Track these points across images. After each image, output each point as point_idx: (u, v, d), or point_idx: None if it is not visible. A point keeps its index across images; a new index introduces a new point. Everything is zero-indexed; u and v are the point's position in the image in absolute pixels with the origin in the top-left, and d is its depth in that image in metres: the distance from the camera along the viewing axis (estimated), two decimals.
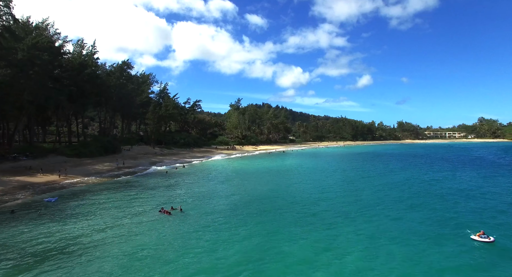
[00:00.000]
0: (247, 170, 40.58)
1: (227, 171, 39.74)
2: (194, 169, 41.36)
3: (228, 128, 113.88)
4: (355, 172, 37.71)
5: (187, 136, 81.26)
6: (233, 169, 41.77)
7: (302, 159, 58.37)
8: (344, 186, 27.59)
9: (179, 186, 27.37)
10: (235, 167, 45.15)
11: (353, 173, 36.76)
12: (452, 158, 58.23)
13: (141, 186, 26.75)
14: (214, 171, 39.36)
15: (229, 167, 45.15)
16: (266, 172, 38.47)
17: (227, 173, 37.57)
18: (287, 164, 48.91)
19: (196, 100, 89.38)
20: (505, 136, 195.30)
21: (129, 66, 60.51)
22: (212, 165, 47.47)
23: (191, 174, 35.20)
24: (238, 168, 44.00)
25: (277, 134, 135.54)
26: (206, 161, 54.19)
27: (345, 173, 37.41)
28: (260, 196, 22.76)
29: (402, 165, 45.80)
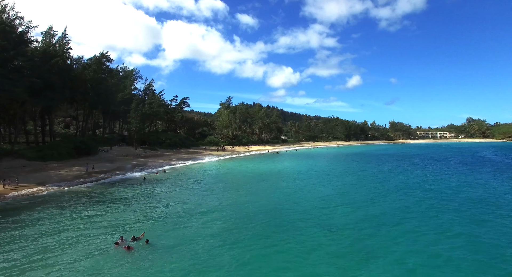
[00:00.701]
0: (239, 176, 35.72)
1: (215, 176, 34.69)
2: (177, 174, 36.19)
3: (218, 128, 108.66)
4: (366, 179, 33.35)
5: (173, 136, 75.68)
6: (222, 174, 36.77)
7: (299, 161, 53.92)
8: (359, 198, 23.10)
9: (154, 198, 22.17)
10: (224, 171, 40.20)
11: (364, 180, 32.42)
12: (461, 160, 54.86)
13: (105, 199, 21.48)
14: (200, 176, 34.32)
15: (217, 171, 40.16)
16: (261, 178, 33.67)
17: (215, 179, 32.54)
18: (284, 168, 44.25)
19: (184, 98, 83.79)
20: (494, 136, 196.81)
21: (108, 59, 54.57)
22: (198, 168, 42.33)
23: (173, 181, 30.07)
24: (228, 172, 39.08)
25: (269, 134, 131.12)
26: (192, 163, 49.02)
27: (355, 178, 33.02)
28: (258, 214, 17.98)
29: (412, 169, 41.83)
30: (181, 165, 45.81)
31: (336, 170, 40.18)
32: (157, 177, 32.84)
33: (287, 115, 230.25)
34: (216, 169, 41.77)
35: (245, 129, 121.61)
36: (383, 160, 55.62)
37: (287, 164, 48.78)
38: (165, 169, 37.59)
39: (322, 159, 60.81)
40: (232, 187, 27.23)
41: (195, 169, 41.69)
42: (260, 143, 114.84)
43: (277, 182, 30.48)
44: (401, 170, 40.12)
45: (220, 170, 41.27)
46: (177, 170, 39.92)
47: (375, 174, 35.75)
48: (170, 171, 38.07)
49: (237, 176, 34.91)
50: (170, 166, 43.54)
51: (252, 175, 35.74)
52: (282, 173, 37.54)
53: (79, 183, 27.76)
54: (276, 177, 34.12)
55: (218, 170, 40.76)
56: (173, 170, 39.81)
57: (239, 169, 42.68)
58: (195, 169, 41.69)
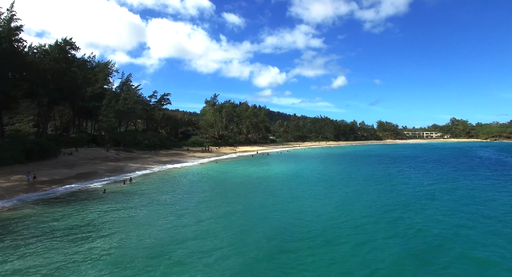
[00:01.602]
0: (228, 185, 29.17)
1: (197, 187, 27.70)
2: (150, 182, 29.26)
3: (202, 127, 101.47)
4: (382, 186, 27.69)
5: (152, 136, 68.12)
6: (206, 184, 29.97)
7: (294, 164, 47.93)
8: (383, 214, 17.26)
9: (104, 229, 15.22)
10: (209, 178, 33.60)
11: (381, 188, 26.73)
12: (465, 161, 50.65)
13: (27, 232, 14.51)
14: (178, 187, 27.50)
15: (200, 178, 33.47)
16: (255, 186, 27.38)
17: (197, 191, 25.64)
18: (279, 173, 38.09)
19: (164, 94, 76.01)
20: (478, 136, 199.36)
21: (73, 46, 46.74)
22: (177, 175, 35.43)
23: (142, 195, 23.11)
24: (214, 180, 32.54)
25: (257, 134, 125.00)
26: (172, 168, 42.06)
27: (369, 186, 27.29)
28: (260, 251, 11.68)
29: (424, 173, 36.74)
30: (159, 170, 38.78)
31: (339, 175, 34.43)
32: (124, 188, 25.83)
33: (274, 115, 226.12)
34: (198, 176, 35.08)
35: (231, 129, 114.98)
36: (385, 162, 50.68)
37: (281, 168, 42.70)
38: (130, 178, 30.02)
39: (317, 161, 55.19)
40: (222, 203, 20.71)
41: (174, 175, 34.81)
42: (248, 144, 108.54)
43: (277, 193, 24.25)
44: (413, 174, 34.99)
45: (203, 176, 34.62)
46: (151, 177, 32.87)
47: (389, 180, 30.31)
48: (142, 179, 31.07)
49: (226, 186, 28.38)
50: (144, 172, 36.47)
51: (243, 183, 29.38)
52: (279, 180, 31.36)
53: (8, 199, 20.50)
54: (273, 185, 27.90)
55: (201, 177, 34.09)
56: (146, 177, 32.72)
57: (226, 174, 36.20)
58: (174, 175, 34.81)
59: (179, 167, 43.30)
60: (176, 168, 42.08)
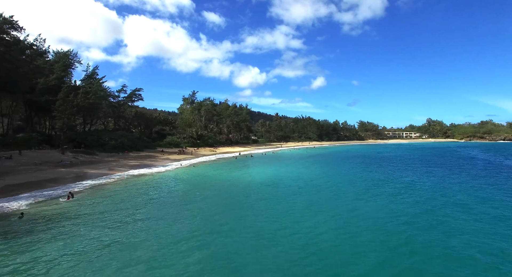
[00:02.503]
0: (207, 202, 22.20)
1: (164, 206, 20.32)
2: (100, 198, 21.76)
3: (179, 126, 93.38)
4: (388, 194, 22.08)
5: (120, 136, 59.71)
6: (178, 200, 22.71)
7: (284, 167, 41.81)
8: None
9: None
10: (182, 191, 26.53)
11: (389, 196, 21.10)
12: (470, 165, 47.01)
13: None
14: (135, 207, 19.91)
15: (170, 191, 26.11)
16: (247, 206, 20.87)
17: (162, 215, 18.42)
18: (269, 179, 31.75)
19: (136, 89, 67.33)
20: (454, 136, 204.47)
21: (14, 26, 37.99)
22: (140, 186, 27.77)
23: (74, 225, 15.70)
24: (188, 194, 25.60)
25: (239, 134, 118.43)
26: (139, 174, 34.52)
27: (379, 194, 21.59)
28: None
29: (439, 180, 31.87)
30: (121, 178, 31.22)
31: (341, 181, 28.73)
32: (57, 209, 18.33)
33: (254, 115, 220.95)
34: (169, 186, 27.95)
35: (211, 128, 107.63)
36: (381, 164, 45.94)
37: (269, 173, 36.44)
38: (70, 193, 22.52)
39: (307, 164, 49.52)
40: (196, 246, 14.09)
41: (138, 186, 27.43)
42: (229, 144, 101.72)
43: (274, 211, 17.91)
44: (421, 177, 30.07)
45: (175, 188, 27.52)
46: (107, 189, 25.28)
47: (397, 182, 25.00)
48: (94, 192, 23.55)
49: (204, 203, 21.47)
50: (101, 181, 28.83)
51: (227, 198, 22.76)
52: (271, 190, 25.05)
53: None
54: (266, 198, 21.54)
55: (172, 189, 26.94)
56: (100, 189, 25.11)
57: (205, 183, 29.40)
58: (138, 186, 27.43)
59: (148, 173, 35.87)
60: (144, 174, 34.64)
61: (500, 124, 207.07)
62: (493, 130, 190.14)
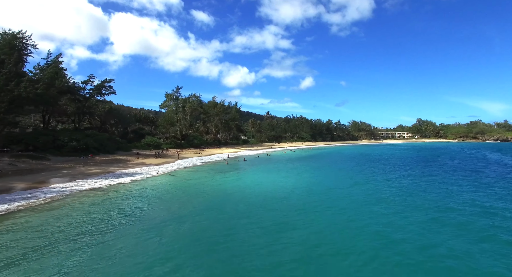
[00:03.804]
0: (182, 257, 12.92)
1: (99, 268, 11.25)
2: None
3: (160, 125, 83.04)
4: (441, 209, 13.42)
5: (85, 136, 49.24)
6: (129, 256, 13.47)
7: (289, 178, 32.75)
8: None
9: None
10: (133, 233, 17.07)
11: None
12: (498, 169, 39.43)
13: None
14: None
15: (117, 235, 16.80)
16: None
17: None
18: (277, 195, 22.62)
19: (105, 80, 56.51)
20: (447, 137, 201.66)
21: None
22: (79, 215, 18.15)
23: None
24: (144, 235, 16.16)
25: (228, 133, 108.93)
26: (87, 188, 24.55)
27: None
28: None
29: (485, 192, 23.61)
30: (58, 196, 21.30)
31: (361, 196, 20.10)
32: None
33: (244, 115, 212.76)
34: (126, 216, 18.42)
35: (197, 128, 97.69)
36: (408, 170, 37.82)
37: (275, 184, 27.31)
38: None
39: (313, 170, 40.68)
40: None
41: (76, 214, 17.72)
42: (217, 145, 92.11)
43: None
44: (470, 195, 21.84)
45: (133, 223, 18.04)
46: (19, 221, 15.57)
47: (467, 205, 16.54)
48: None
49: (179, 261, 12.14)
50: (20, 203, 18.95)
51: (217, 244, 13.58)
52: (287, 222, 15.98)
53: None
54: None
55: (126, 227, 17.49)
56: (10, 218, 15.39)
57: (184, 210, 20.01)
58: (76, 214, 17.72)
59: (104, 186, 25.89)
60: (97, 189, 24.68)
61: (490, 124, 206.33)
62: (486, 130, 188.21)
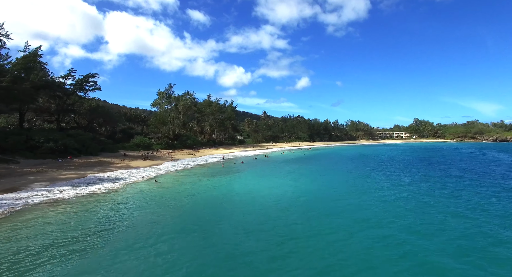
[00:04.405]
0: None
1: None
2: None
3: (152, 124, 78.17)
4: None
5: (63, 136, 44.36)
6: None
7: (296, 185, 28.46)
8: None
9: None
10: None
11: None
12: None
13: None
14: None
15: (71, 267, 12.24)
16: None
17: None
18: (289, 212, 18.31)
19: (89, 74, 51.48)
20: (445, 137, 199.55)
21: None
22: (18, 241, 13.76)
23: None
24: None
25: (223, 133, 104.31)
26: (52, 199, 19.91)
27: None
28: None
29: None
30: (7, 210, 16.71)
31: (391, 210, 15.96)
32: None
33: (240, 114, 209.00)
34: (83, 240, 13.87)
35: (191, 127, 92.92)
36: (434, 177, 33.88)
37: (281, 200, 23.02)
38: None
39: (324, 170, 36.42)
40: None
41: (18, 240, 13.20)
42: (212, 145, 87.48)
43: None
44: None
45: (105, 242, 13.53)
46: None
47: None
48: None
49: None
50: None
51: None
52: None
53: None
54: None
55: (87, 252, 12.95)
56: None
57: (166, 232, 15.54)
58: (18, 240, 13.20)
59: (70, 198, 21.22)
60: (58, 204, 19.99)
61: (487, 124, 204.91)
62: (484, 131, 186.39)
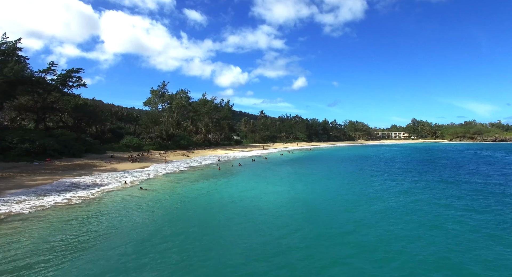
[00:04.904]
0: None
1: None
2: None
3: (143, 123, 74.01)
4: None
5: (44, 136, 40.23)
6: None
7: (296, 190, 24.77)
8: None
9: None
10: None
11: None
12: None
13: None
14: None
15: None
16: None
17: None
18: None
19: (72, 69, 47.20)
20: (444, 137, 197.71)
21: None
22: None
23: None
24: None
25: (219, 133, 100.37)
26: (6, 213, 16.22)
27: None
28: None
29: None
30: None
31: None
32: None
33: (236, 114, 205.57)
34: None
35: (185, 127, 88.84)
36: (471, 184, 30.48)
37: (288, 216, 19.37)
38: None
39: (324, 177, 32.84)
40: None
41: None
42: (207, 146, 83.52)
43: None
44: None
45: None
46: None
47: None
48: None
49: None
50: None
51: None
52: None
53: None
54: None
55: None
56: None
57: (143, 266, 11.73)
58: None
59: (25, 212, 17.33)
60: (5, 223, 16.16)
61: (485, 124, 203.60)
62: (483, 131, 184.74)
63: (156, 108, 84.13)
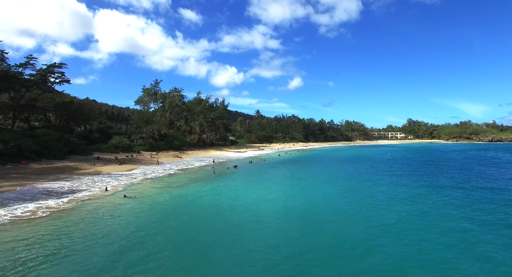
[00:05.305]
0: None
1: None
2: None
3: (134, 123, 70.52)
4: None
5: (21, 137, 36.75)
6: None
7: (296, 198, 21.89)
8: None
9: None
10: None
11: None
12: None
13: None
14: None
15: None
16: None
17: None
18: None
19: (54, 64, 43.63)
20: (440, 137, 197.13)
21: None
22: None
23: None
24: None
25: (214, 133, 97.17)
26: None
27: None
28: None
29: None
30: None
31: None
32: None
33: (232, 114, 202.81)
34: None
35: (179, 127, 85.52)
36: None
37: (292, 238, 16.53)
38: None
39: (329, 182, 30.05)
40: None
41: None
42: (202, 146, 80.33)
43: None
44: None
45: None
46: None
47: None
48: None
49: None
50: None
51: None
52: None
53: None
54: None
55: None
56: None
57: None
58: None
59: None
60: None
61: (481, 124, 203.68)
62: (479, 131, 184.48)
63: (148, 107, 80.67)
